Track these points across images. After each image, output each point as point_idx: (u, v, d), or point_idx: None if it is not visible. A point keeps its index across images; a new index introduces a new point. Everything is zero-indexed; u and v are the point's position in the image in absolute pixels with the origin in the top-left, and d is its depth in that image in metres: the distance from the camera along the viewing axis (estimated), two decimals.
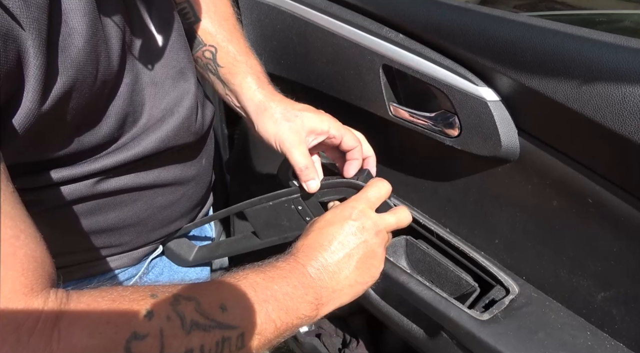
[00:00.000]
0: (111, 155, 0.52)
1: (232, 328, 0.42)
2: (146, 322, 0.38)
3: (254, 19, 0.91)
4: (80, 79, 0.44)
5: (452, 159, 0.74)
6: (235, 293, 0.44)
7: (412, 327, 0.80)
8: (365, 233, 0.54)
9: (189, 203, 0.69)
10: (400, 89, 0.75)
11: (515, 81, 0.60)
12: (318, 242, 0.52)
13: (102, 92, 0.48)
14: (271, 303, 0.46)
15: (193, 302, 0.41)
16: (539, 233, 0.68)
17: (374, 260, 0.55)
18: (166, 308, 0.39)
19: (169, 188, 0.64)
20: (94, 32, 0.44)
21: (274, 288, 0.47)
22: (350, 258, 0.52)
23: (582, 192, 0.60)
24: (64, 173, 0.50)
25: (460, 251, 0.77)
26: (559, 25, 0.58)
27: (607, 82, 0.52)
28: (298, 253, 0.52)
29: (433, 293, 0.72)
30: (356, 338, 1.19)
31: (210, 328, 0.41)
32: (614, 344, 0.63)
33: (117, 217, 0.59)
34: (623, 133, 0.51)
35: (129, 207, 0.60)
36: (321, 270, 0.51)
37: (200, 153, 0.68)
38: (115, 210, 0.58)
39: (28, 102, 0.39)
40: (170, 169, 0.62)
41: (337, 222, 0.54)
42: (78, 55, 0.43)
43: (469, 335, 0.67)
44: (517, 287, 0.71)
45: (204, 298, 0.42)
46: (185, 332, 0.39)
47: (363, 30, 0.74)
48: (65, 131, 0.47)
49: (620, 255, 0.60)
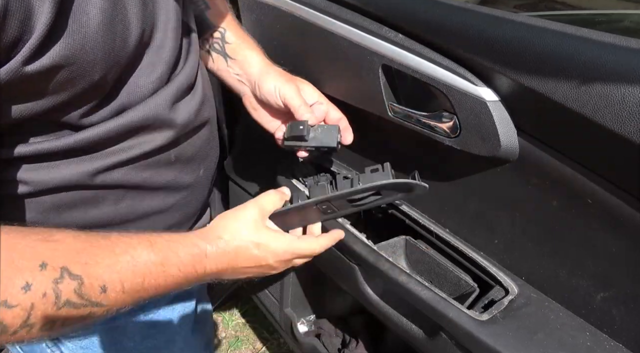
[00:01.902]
0: (95, 127, 0.53)
1: (102, 306, 0.46)
2: (21, 294, 0.41)
3: (254, 19, 0.91)
4: (87, 49, 0.45)
5: (451, 159, 0.74)
6: (123, 274, 0.48)
7: (412, 327, 0.80)
8: (275, 265, 0.65)
9: (180, 215, 0.69)
10: (400, 89, 0.75)
11: (514, 81, 0.60)
12: (237, 260, 0.60)
13: (109, 70, 0.49)
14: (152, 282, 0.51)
15: (76, 282, 0.44)
16: (539, 234, 0.68)
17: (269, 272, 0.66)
18: (46, 284, 0.42)
19: (159, 194, 0.64)
20: (112, 6, 0.46)
21: (165, 274, 0.52)
22: (248, 270, 0.62)
23: (582, 192, 0.60)
24: (44, 145, 0.51)
25: (460, 251, 0.77)
26: (559, 25, 0.58)
27: (607, 82, 0.52)
28: (211, 255, 0.58)
29: (432, 293, 0.72)
30: (356, 339, 1.19)
31: (82, 306, 0.44)
32: (614, 344, 0.63)
33: (97, 215, 0.59)
34: (623, 133, 0.51)
35: (112, 206, 0.59)
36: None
37: (199, 162, 0.68)
38: (97, 206, 0.58)
39: (21, 57, 0.41)
40: (163, 172, 0.62)
41: (264, 256, 0.62)
42: (88, 23, 0.44)
43: (468, 335, 0.67)
44: (516, 287, 0.71)
45: (90, 277, 0.45)
46: (56, 308, 0.43)
47: (362, 30, 0.74)
48: (52, 96, 0.47)
49: (620, 256, 0.60)
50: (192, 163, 0.67)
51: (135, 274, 0.49)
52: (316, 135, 0.73)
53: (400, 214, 0.84)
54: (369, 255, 0.80)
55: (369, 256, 0.80)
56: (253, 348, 1.68)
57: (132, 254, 0.50)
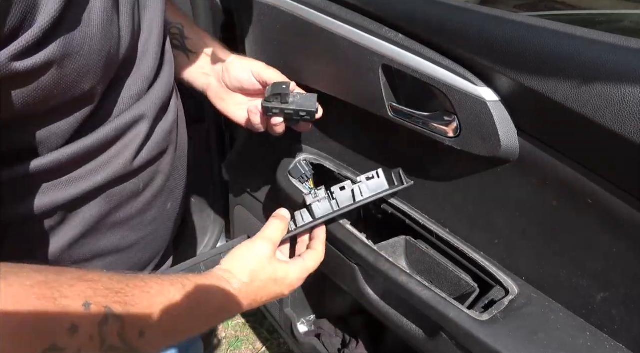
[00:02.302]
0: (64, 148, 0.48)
1: (140, 351, 0.44)
2: (68, 337, 0.37)
3: (253, 19, 0.91)
4: (84, 50, 0.42)
5: (451, 159, 0.74)
6: (160, 317, 0.46)
7: (412, 327, 0.80)
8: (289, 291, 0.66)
9: (142, 254, 0.65)
10: (400, 89, 0.75)
11: (514, 81, 0.60)
12: (257, 296, 0.61)
13: (100, 80, 0.46)
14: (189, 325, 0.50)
15: (119, 324, 0.41)
16: (539, 234, 0.68)
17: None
18: (92, 327, 0.39)
19: (120, 230, 0.58)
20: (111, 6, 0.44)
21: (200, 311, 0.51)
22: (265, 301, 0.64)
23: (582, 192, 0.60)
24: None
25: (460, 251, 0.77)
26: (559, 25, 0.58)
27: (607, 82, 0.51)
28: (242, 291, 0.58)
29: (432, 293, 0.72)
30: (356, 339, 1.19)
31: (122, 350, 0.42)
32: (614, 345, 0.63)
33: (51, 250, 0.54)
34: (623, 133, 0.51)
35: (65, 242, 0.54)
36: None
37: (168, 193, 0.64)
38: (50, 242, 0.53)
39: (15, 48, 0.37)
40: (127, 204, 0.57)
41: (281, 290, 0.64)
42: (90, 22, 0.42)
43: (469, 335, 0.67)
44: (516, 287, 0.71)
45: (130, 318, 0.42)
46: (102, 352, 0.40)
47: (363, 30, 0.74)
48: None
49: (620, 256, 0.59)
50: (161, 194, 0.62)
51: (170, 317, 0.47)
52: (296, 100, 0.75)
53: (400, 214, 0.84)
54: (369, 255, 0.80)
55: (369, 256, 0.80)
56: (253, 348, 1.68)
57: (167, 296, 0.47)
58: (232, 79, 0.77)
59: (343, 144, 0.93)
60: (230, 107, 0.80)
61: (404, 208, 0.83)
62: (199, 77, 0.79)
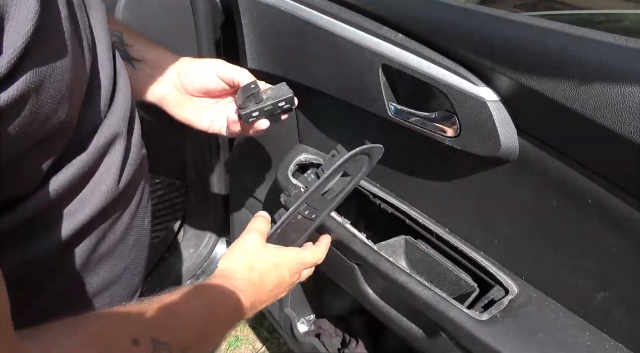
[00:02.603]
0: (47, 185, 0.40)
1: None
2: None
3: (253, 19, 0.91)
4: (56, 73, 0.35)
5: (451, 159, 0.74)
6: (191, 333, 0.48)
7: (412, 327, 0.80)
8: (291, 281, 0.68)
9: (130, 283, 0.58)
10: (400, 89, 0.75)
11: (515, 81, 0.60)
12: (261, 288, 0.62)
13: (76, 103, 0.40)
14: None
15: (167, 351, 0.43)
16: (539, 234, 0.68)
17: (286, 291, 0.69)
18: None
19: (108, 261, 0.52)
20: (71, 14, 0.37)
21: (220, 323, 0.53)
22: (272, 293, 0.65)
23: (582, 192, 0.60)
24: None
25: (460, 251, 0.77)
26: (559, 25, 0.58)
27: (607, 82, 0.52)
28: (245, 290, 0.58)
29: (432, 293, 0.72)
30: (356, 339, 1.19)
31: None
32: (614, 345, 0.63)
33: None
34: (623, 133, 0.51)
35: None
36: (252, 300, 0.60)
37: (142, 211, 0.57)
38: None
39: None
40: (101, 234, 0.49)
41: (282, 275, 0.65)
42: (58, 35, 0.35)
43: (469, 335, 0.67)
44: (516, 287, 0.71)
45: (174, 342, 0.44)
46: None
47: (363, 30, 0.74)
48: None
49: (620, 256, 0.60)
50: (138, 213, 0.56)
51: (198, 328, 0.49)
52: (269, 94, 0.71)
53: (400, 214, 0.84)
54: (369, 255, 0.80)
55: (369, 256, 0.80)
56: (253, 348, 1.68)
57: (191, 311, 0.49)
58: (194, 83, 0.70)
59: (343, 143, 0.93)
60: (192, 114, 0.73)
61: (404, 208, 0.84)
62: (150, 86, 0.70)
